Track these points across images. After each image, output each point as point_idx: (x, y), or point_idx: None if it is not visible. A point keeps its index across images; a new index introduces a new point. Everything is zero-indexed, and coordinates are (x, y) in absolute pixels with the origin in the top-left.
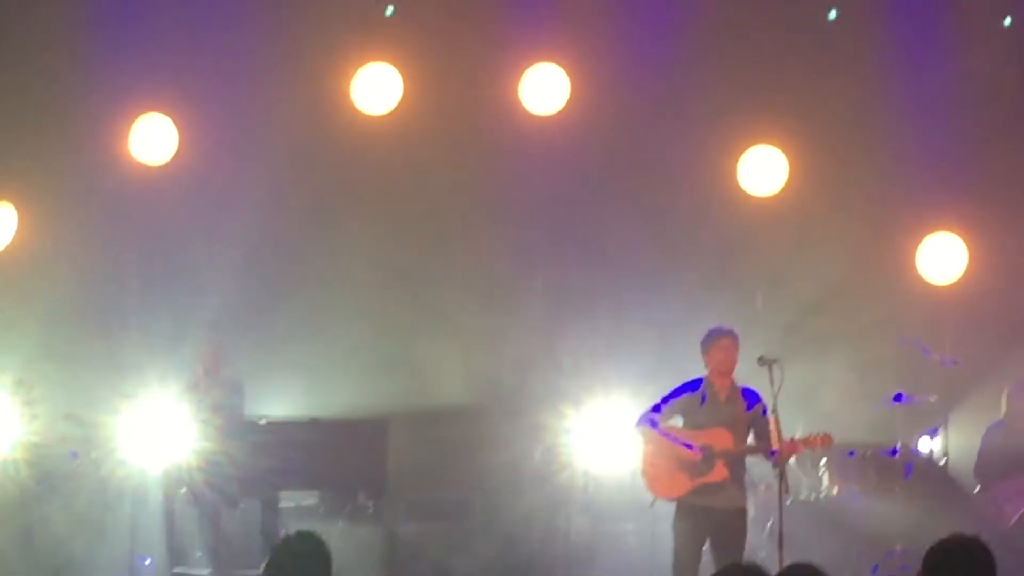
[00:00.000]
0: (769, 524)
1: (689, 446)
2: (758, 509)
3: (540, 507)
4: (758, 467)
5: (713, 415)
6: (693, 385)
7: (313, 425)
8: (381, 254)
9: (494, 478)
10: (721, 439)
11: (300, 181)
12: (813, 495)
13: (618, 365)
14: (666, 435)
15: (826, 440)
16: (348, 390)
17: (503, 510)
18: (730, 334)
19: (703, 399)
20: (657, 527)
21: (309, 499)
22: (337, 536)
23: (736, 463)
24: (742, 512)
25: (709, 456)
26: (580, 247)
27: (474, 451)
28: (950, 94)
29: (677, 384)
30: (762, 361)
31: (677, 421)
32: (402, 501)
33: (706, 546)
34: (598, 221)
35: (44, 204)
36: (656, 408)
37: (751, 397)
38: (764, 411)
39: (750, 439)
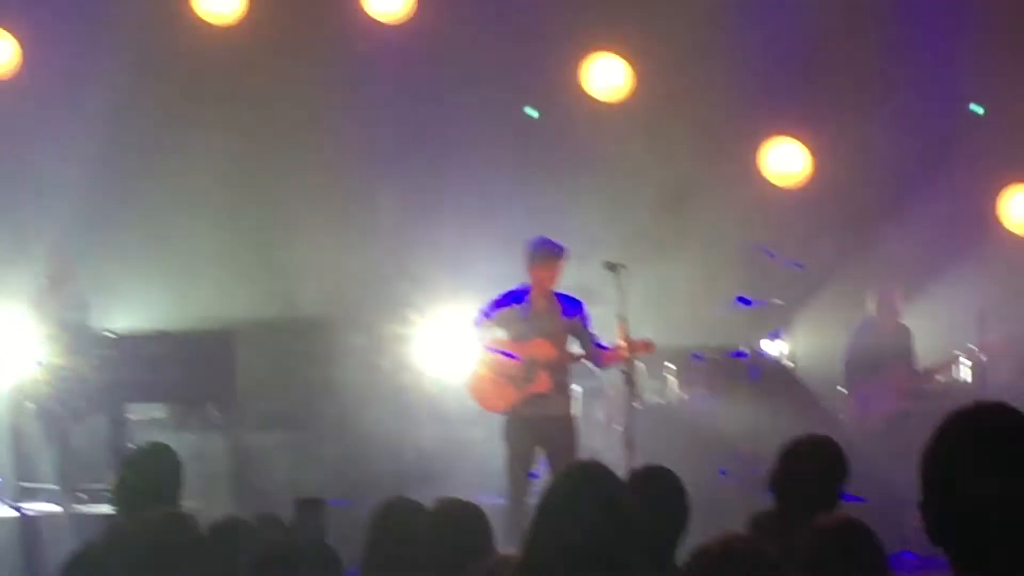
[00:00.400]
0: (617, 428)
1: (512, 356)
2: (607, 414)
3: (389, 417)
4: (607, 373)
5: (534, 326)
6: (515, 296)
7: (161, 338)
8: (229, 165)
9: (343, 389)
10: (543, 349)
11: (147, 92)
12: (660, 399)
13: (466, 275)
14: (491, 348)
15: (648, 346)
16: (196, 302)
17: (352, 421)
18: (560, 254)
19: (524, 310)
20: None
21: (157, 412)
22: (186, 448)
23: (559, 372)
24: (570, 419)
25: (532, 367)
26: (429, 158)
27: (323, 362)
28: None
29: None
30: (608, 266)
31: (500, 334)
32: (251, 413)
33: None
34: (447, 131)
35: None
36: (480, 319)
37: (571, 304)
38: (584, 318)
39: (575, 347)
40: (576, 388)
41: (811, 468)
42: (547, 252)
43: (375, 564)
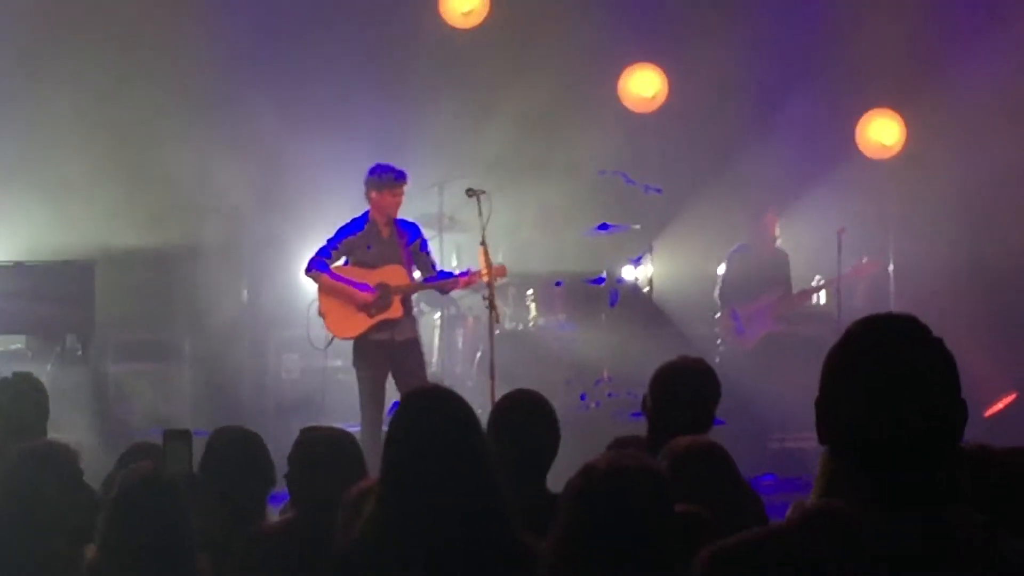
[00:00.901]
0: (478, 355)
1: (365, 287)
2: (466, 339)
3: (251, 347)
4: (465, 297)
5: (380, 253)
6: (354, 226)
7: (18, 268)
8: (91, 92)
9: (204, 318)
10: (395, 275)
11: (11, 15)
12: (520, 325)
13: (320, 204)
14: (339, 279)
15: (500, 270)
16: (55, 232)
17: (214, 350)
18: (402, 180)
19: (367, 238)
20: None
21: (16, 343)
22: (46, 379)
23: (408, 297)
24: (418, 342)
25: (385, 293)
26: (287, 88)
27: (183, 292)
28: None
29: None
30: (470, 192)
31: (343, 262)
32: (111, 343)
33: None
34: (305, 60)
35: None
36: (324, 252)
37: (411, 230)
38: (424, 244)
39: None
40: (435, 315)
41: (684, 390)
42: (390, 178)
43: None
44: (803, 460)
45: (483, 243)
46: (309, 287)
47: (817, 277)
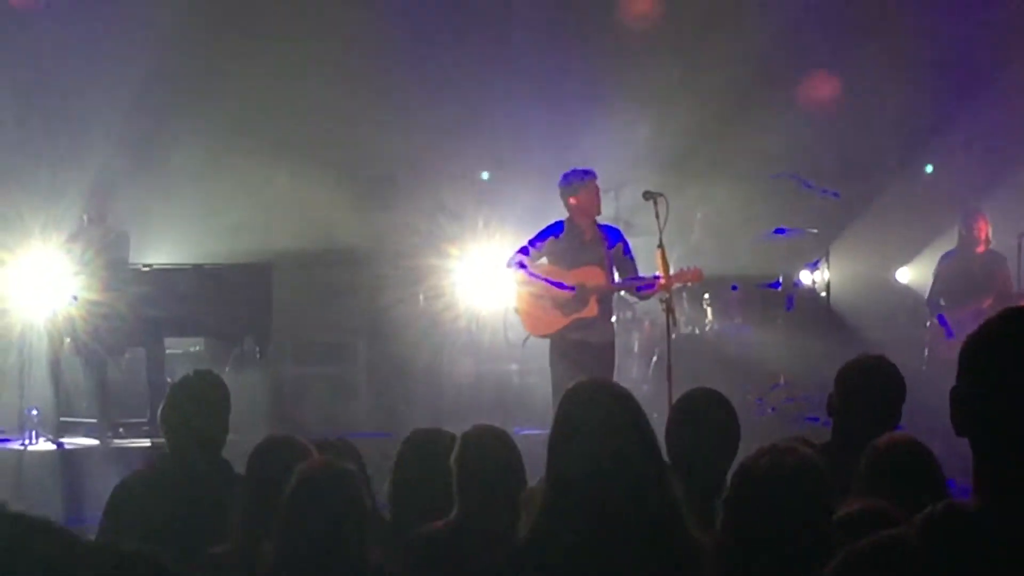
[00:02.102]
0: (654, 359)
1: (562, 285)
2: (643, 343)
3: (424, 350)
4: (644, 302)
5: (580, 254)
6: (555, 229)
7: (197, 271)
8: (268, 98)
9: (378, 321)
10: (593, 276)
11: (189, 26)
12: (696, 329)
13: (501, 207)
14: (537, 276)
15: (697, 274)
16: (232, 235)
17: (387, 353)
18: (595, 175)
19: (568, 240)
20: (538, 365)
21: (195, 346)
22: (224, 381)
23: (606, 299)
24: (613, 345)
25: (582, 293)
26: (465, 92)
27: (358, 294)
28: None
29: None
30: (647, 195)
31: (545, 263)
32: (288, 345)
33: None
34: (478, 69)
35: None
36: (524, 250)
37: (612, 234)
38: (627, 248)
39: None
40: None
41: (870, 386)
42: (584, 176)
43: (402, 492)
44: None
45: (661, 246)
46: (485, 288)
47: None
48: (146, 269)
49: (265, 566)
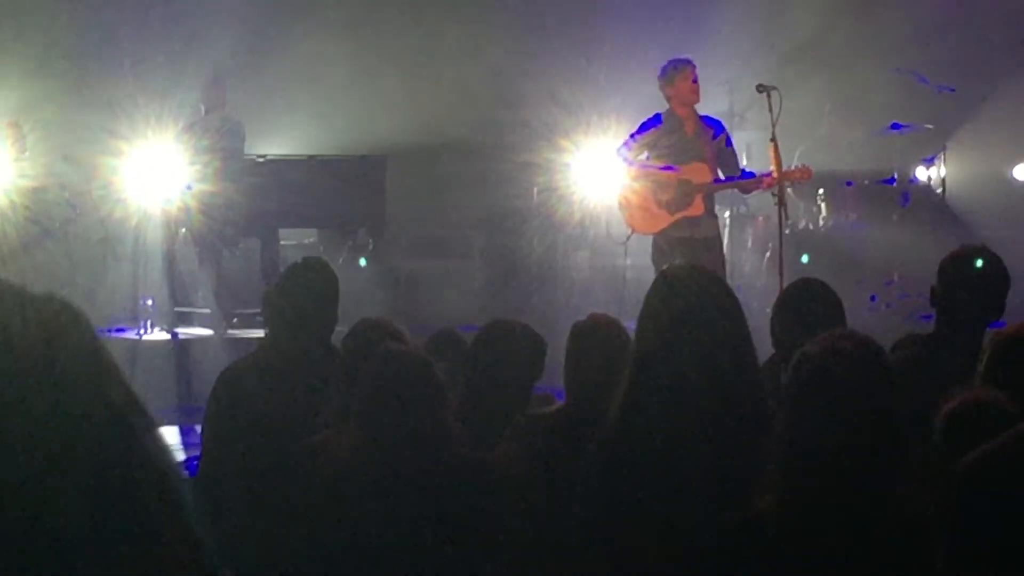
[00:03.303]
0: (767, 254)
1: (671, 168)
2: (755, 238)
3: (538, 243)
4: (756, 197)
5: (684, 149)
6: (655, 120)
7: (311, 162)
8: None
9: (492, 215)
10: (698, 172)
11: None
12: (811, 224)
13: (615, 100)
14: (646, 166)
15: (805, 172)
16: (347, 127)
17: (501, 247)
18: (692, 64)
19: (670, 134)
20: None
21: (308, 237)
22: (337, 272)
23: (711, 195)
24: (720, 241)
25: (688, 189)
26: None
27: (472, 187)
28: None
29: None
30: (760, 88)
31: (646, 157)
32: (401, 238)
33: None
34: None
35: None
36: (627, 144)
37: (716, 126)
38: (728, 140)
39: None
40: (724, 214)
41: (973, 274)
42: (682, 64)
43: (475, 382)
44: None
45: (773, 140)
46: (599, 183)
47: None
48: (261, 160)
49: (348, 449)
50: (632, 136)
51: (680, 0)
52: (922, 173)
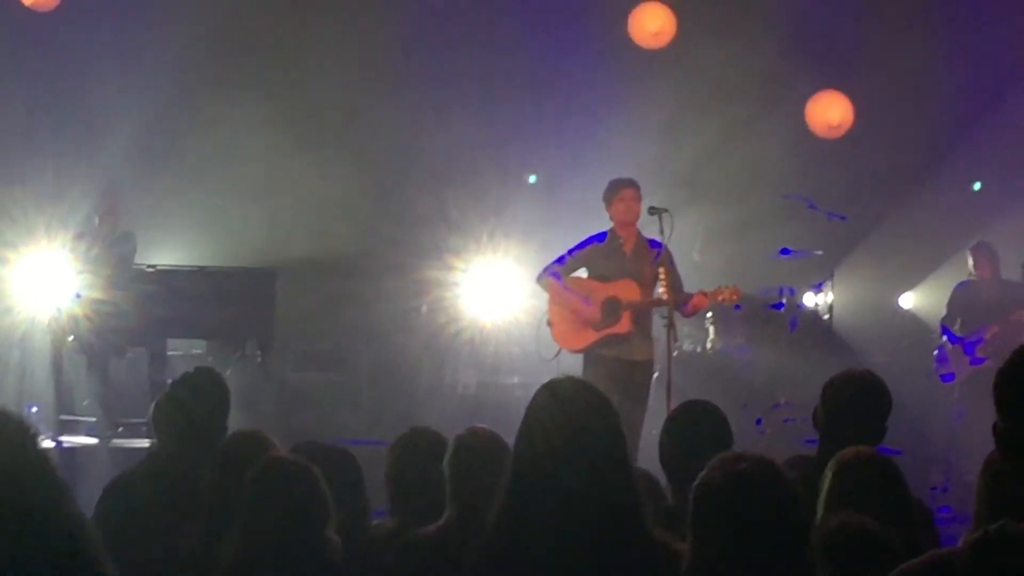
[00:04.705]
0: (655, 375)
1: (588, 302)
2: None
3: (427, 360)
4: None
5: (619, 266)
6: (599, 237)
7: (201, 273)
8: (272, 107)
9: (381, 331)
10: (628, 290)
11: (200, 34)
12: (698, 347)
13: (505, 219)
14: (567, 290)
15: (735, 293)
16: (237, 240)
17: (389, 362)
18: (631, 184)
19: (608, 251)
20: (542, 379)
21: (196, 348)
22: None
23: (642, 315)
24: (649, 364)
25: (615, 308)
26: (467, 102)
27: (362, 303)
28: None
29: (570, 238)
30: (652, 211)
31: (583, 274)
32: (290, 351)
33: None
34: (482, 79)
35: None
36: (560, 260)
37: (657, 248)
38: (671, 261)
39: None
40: None
41: (854, 399)
42: (619, 184)
43: (396, 492)
44: None
45: (664, 262)
46: (489, 301)
47: None
48: (151, 269)
49: (226, 561)
50: (569, 251)
51: (576, 117)
52: (810, 299)
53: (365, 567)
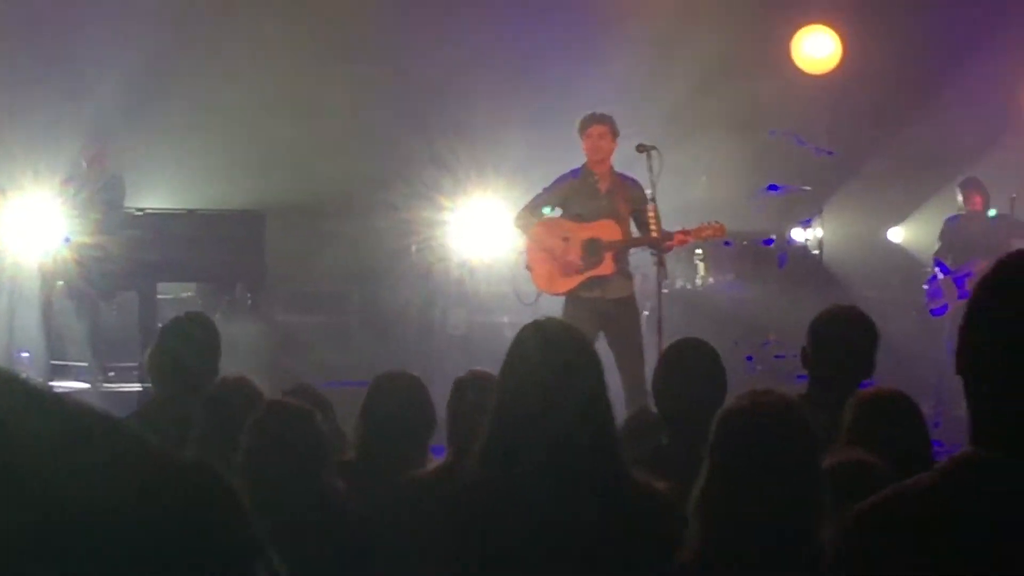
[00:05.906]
0: (645, 313)
1: (567, 244)
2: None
3: (416, 300)
4: (634, 255)
5: (596, 206)
6: (573, 173)
7: (190, 216)
8: (264, 47)
9: (371, 271)
10: (608, 230)
11: None
12: (688, 284)
13: (494, 156)
14: (544, 232)
15: (719, 230)
16: (227, 182)
17: (379, 303)
18: (599, 120)
19: (583, 189)
20: (531, 318)
21: (186, 291)
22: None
23: (622, 254)
24: (633, 300)
25: (597, 249)
26: (457, 40)
27: (351, 244)
28: None
29: (554, 176)
30: (641, 148)
31: (559, 213)
32: (280, 293)
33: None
34: (474, 11)
35: None
36: (536, 200)
37: (635, 185)
38: (645, 199)
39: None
40: None
41: (842, 334)
42: (588, 120)
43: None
44: None
45: (653, 200)
46: (478, 240)
47: None
48: (140, 213)
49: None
50: (545, 190)
51: (562, 57)
52: (799, 234)
53: (365, 508)
